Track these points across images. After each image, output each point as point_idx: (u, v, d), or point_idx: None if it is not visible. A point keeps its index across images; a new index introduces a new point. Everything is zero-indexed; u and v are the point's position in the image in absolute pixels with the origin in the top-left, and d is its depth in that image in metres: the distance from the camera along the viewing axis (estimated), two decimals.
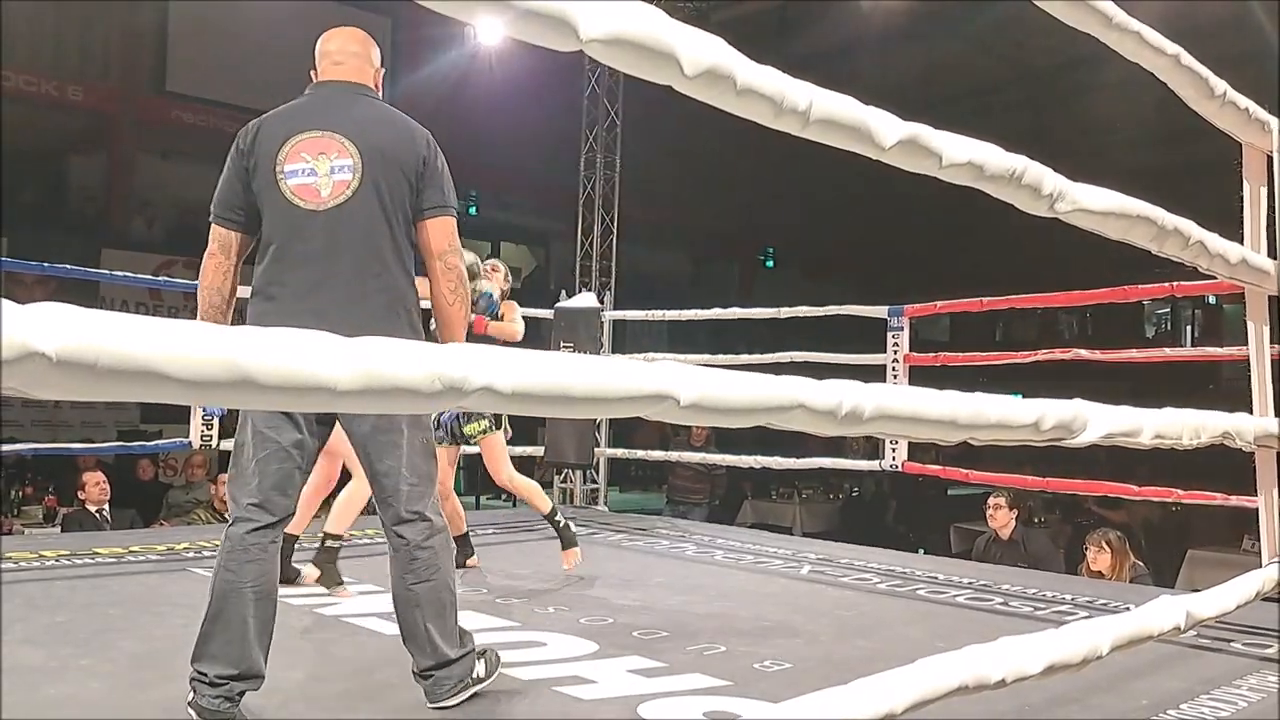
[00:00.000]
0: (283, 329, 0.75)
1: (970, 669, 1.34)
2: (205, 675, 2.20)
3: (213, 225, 2.41)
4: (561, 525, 4.30)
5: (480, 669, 2.49)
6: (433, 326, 2.66)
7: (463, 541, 4.19)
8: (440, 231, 2.40)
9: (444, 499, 4.07)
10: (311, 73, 2.51)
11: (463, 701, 2.44)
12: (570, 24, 0.96)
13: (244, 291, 2.42)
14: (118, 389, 0.64)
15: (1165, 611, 1.72)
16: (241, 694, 2.22)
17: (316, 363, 0.74)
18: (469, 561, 4.28)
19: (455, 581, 2.49)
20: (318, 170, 2.30)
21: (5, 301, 0.62)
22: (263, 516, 2.28)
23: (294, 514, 2.39)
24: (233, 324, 2.29)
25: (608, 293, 8.14)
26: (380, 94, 2.50)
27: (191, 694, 2.23)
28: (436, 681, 2.40)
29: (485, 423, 4.19)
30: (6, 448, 5.89)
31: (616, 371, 1.00)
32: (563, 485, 7.69)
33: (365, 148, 2.32)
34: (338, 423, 2.45)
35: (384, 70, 2.56)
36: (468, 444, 4.32)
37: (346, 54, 2.48)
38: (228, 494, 2.36)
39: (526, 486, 4.34)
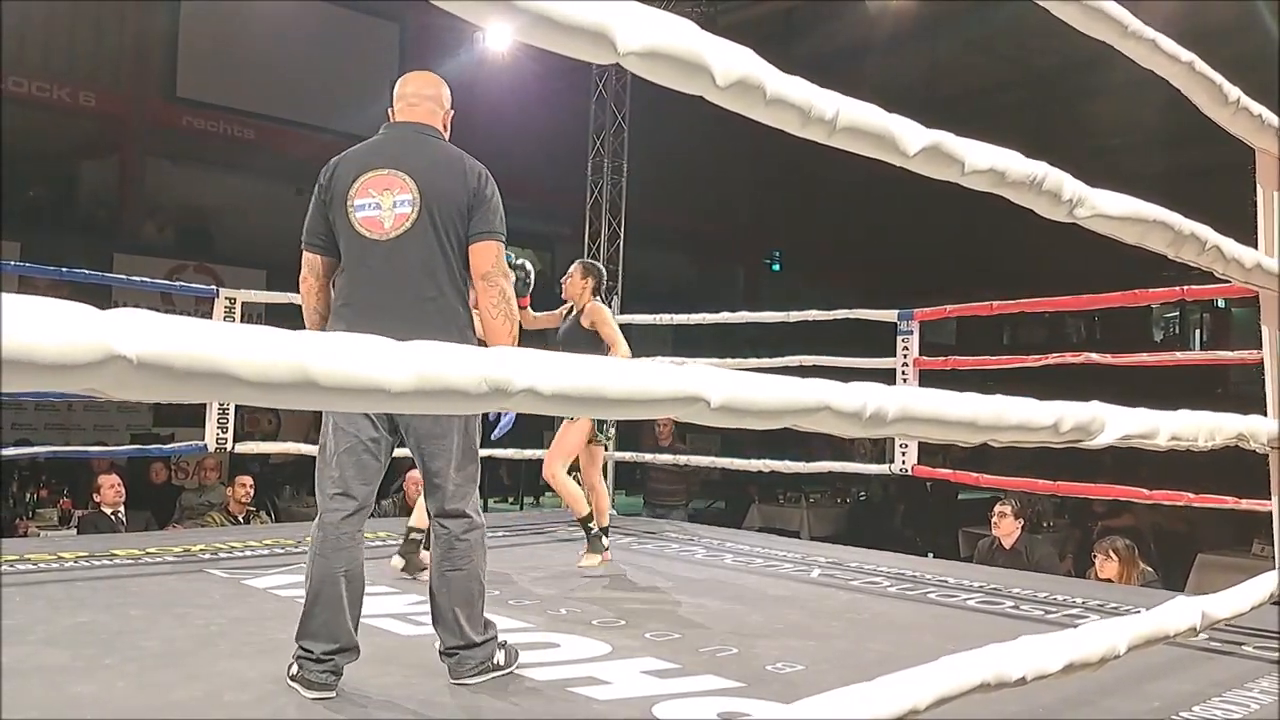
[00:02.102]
0: (344, 333, 0.78)
1: (991, 667, 1.36)
2: (312, 652, 2.49)
3: (304, 252, 2.70)
4: (594, 534, 4.55)
5: (500, 658, 2.69)
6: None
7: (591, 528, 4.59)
8: (485, 254, 2.64)
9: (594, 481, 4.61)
10: (389, 111, 2.77)
11: (482, 682, 2.63)
12: (608, 37, 0.99)
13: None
14: (192, 390, 0.68)
15: (1181, 612, 1.74)
16: (345, 665, 2.54)
17: (375, 366, 0.77)
18: (605, 557, 4.58)
19: (485, 574, 2.72)
20: (382, 204, 2.58)
21: (85, 307, 0.65)
22: (347, 504, 2.59)
23: (373, 503, 2.70)
24: None
25: (614, 296, 8.17)
26: (448, 132, 2.78)
27: (296, 668, 2.51)
28: (460, 660, 2.62)
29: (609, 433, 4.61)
30: (23, 450, 5.94)
31: (650, 374, 1.03)
32: None
33: (424, 184, 2.59)
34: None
35: (453, 111, 2.82)
36: (600, 442, 4.63)
37: (420, 97, 2.76)
38: (316, 489, 2.66)
39: (603, 493, 4.67)
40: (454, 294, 2.62)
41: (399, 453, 2.84)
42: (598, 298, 4.63)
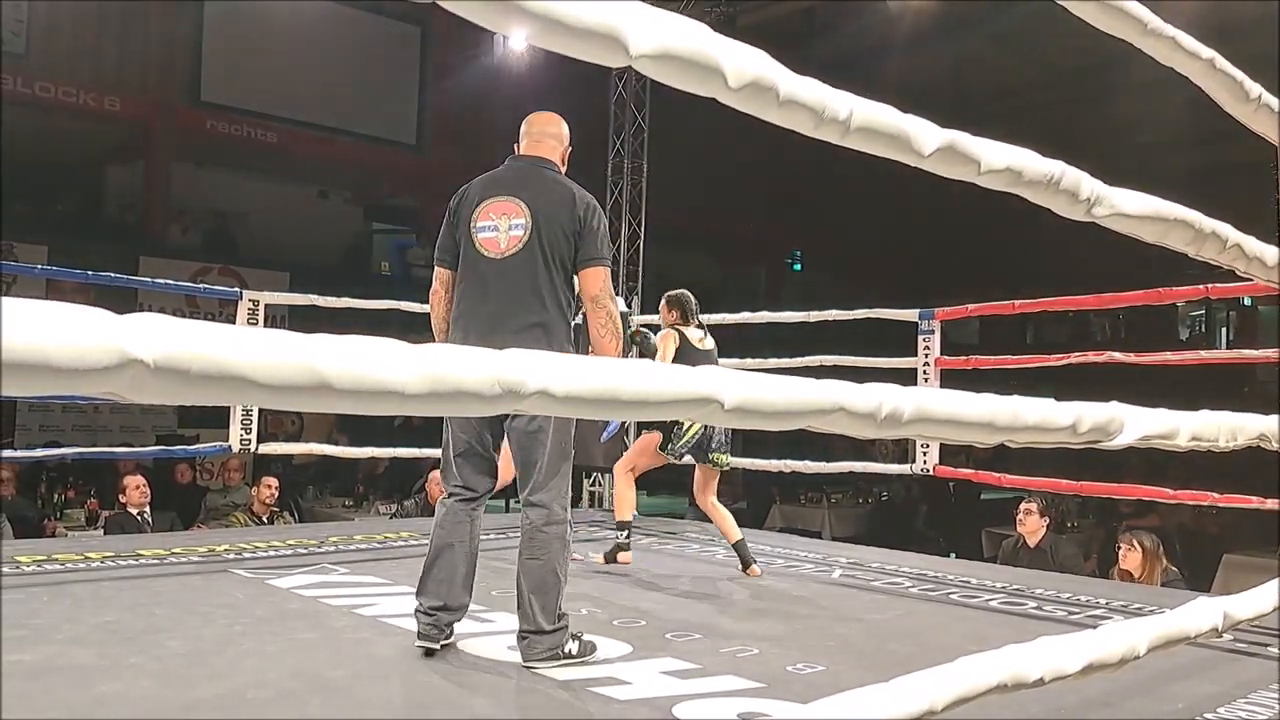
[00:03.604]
0: (356, 338, 0.79)
1: (1009, 668, 1.35)
2: (421, 606, 2.91)
3: (436, 267, 3.08)
4: (744, 549, 4.55)
5: (573, 647, 2.89)
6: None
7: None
8: (592, 279, 2.97)
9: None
10: (516, 145, 3.12)
11: (555, 666, 2.81)
12: (620, 41, 0.99)
13: None
14: (207, 394, 0.69)
15: (1203, 612, 1.73)
16: (449, 622, 2.92)
17: (387, 368, 0.78)
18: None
19: (565, 569, 2.93)
20: (499, 227, 2.94)
21: (102, 311, 0.66)
22: (466, 493, 2.99)
23: (492, 490, 3.05)
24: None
25: (634, 297, 8.17)
26: (565, 165, 3.12)
27: (418, 626, 2.92)
28: (530, 644, 2.85)
29: (727, 457, 4.61)
30: (51, 452, 6.01)
31: (664, 375, 1.03)
32: (591, 489, 7.73)
33: (536, 210, 2.93)
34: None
35: (571, 148, 3.17)
36: (712, 465, 4.62)
37: (543, 134, 3.11)
38: (441, 480, 3.07)
39: (722, 514, 4.62)
40: (555, 308, 2.93)
41: (421, 452, 3.02)
42: (681, 326, 4.68)
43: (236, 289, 5.90)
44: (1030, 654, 1.41)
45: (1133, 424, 1.55)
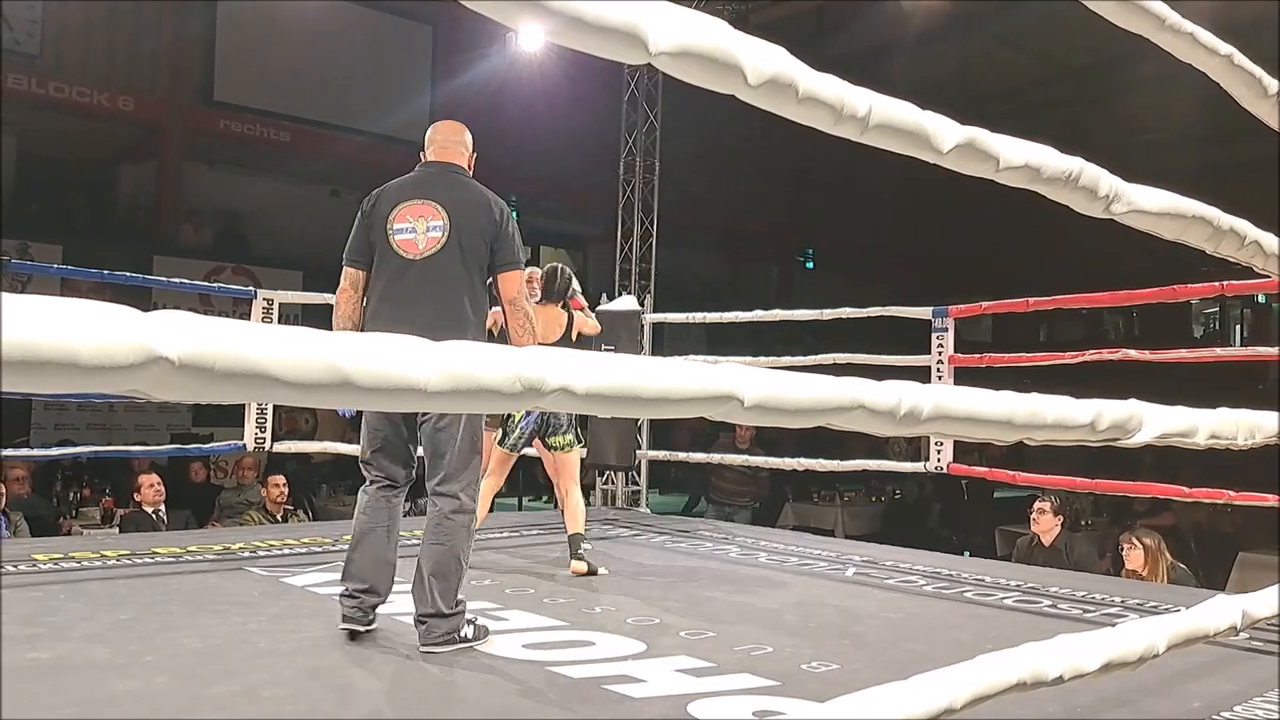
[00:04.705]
0: (380, 334, 0.80)
1: (1028, 666, 1.35)
2: (346, 589, 3.01)
3: (345, 268, 3.11)
4: (580, 551, 4.34)
5: (468, 632, 2.98)
6: None
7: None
8: (511, 282, 3.10)
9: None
10: (421, 153, 3.23)
11: (452, 651, 2.90)
12: (640, 38, 0.99)
13: None
14: (231, 391, 0.69)
15: (1221, 610, 1.72)
16: (373, 605, 3.01)
17: (409, 366, 0.78)
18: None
19: (467, 558, 3.03)
20: (417, 229, 3.02)
21: (127, 308, 0.66)
22: (386, 481, 3.09)
23: (411, 479, 3.15)
24: None
25: (647, 295, 8.16)
26: (471, 171, 3.22)
27: (342, 609, 3.00)
28: (429, 628, 2.93)
29: (570, 438, 4.46)
30: (66, 450, 6.04)
31: (684, 373, 1.03)
32: (605, 487, 7.73)
33: (453, 213, 3.03)
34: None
35: (475, 154, 3.27)
36: (551, 450, 4.50)
37: (451, 142, 3.21)
38: (363, 469, 3.15)
39: (576, 505, 4.43)
40: (472, 307, 3.02)
41: None
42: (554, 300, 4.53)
43: (250, 288, 5.92)
44: (1049, 652, 1.41)
45: (1151, 422, 1.54)
